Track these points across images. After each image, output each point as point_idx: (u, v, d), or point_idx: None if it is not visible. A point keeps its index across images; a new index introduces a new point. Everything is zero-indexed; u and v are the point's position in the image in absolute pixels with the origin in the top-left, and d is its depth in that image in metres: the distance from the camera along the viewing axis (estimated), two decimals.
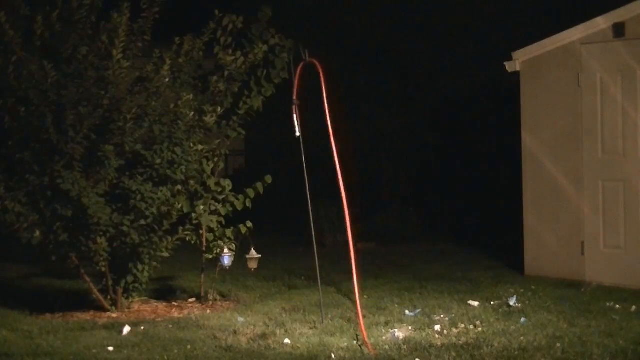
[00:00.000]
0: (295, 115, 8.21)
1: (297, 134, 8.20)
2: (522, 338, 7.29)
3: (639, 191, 9.48)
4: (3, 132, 8.55)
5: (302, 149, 8.26)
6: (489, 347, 7.02)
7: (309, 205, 8.32)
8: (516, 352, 6.87)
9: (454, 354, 6.86)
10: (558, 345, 7.05)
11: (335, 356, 7.01)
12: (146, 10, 8.81)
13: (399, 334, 7.49)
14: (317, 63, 7.99)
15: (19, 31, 8.38)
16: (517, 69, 10.33)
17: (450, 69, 15.02)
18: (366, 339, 7.30)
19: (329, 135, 7.88)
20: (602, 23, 9.68)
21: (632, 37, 9.47)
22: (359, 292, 7.73)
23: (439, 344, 7.21)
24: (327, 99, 7.94)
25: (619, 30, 9.55)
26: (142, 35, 8.85)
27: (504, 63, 10.41)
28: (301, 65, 8.20)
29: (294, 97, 8.25)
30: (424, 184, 15.68)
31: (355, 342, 7.35)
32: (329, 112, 7.95)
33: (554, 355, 6.79)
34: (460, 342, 7.22)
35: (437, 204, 14.86)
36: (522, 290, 9.31)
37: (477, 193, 14.50)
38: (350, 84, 15.12)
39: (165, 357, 7.07)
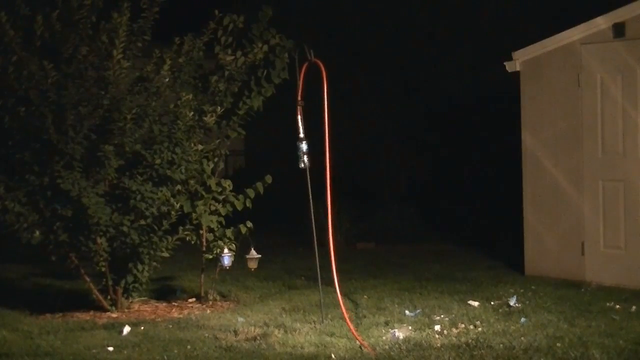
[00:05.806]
0: (299, 117, 8.17)
1: (301, 135, 8.15)
2: (522, 338, 7.28)
3: (639, 191, 9.48)
4: (3, 132, 8.55)
5: (306, 149, 8.23)
6: (489, 347, 7.01)
7: (311, 205, 8.30)
8: (516, 352, 6.87)
9: (454, 354, 6.86)
10: (558, 345, 7.05)
11: (335, 356, 7.01)
12: (146, 10, 8.81)
13: (399, 334, 7.48)
14: (321, 64, 7.97)
15: (19, 31, 8.38)
16: (517, 69, 10.33)
17: (450, 68, 15.02)
18: (362, 341, 7.29)
19: (324, 136, 7.88)
20: (602, 23, 9.67)
21: (632, 37, 9.47)
22: (342, 296, 7.84)
23: (439, 344, 7.21)
24: (327, 99, 7.93)
25: (619, 30, 9.55)
26: (142, 35, 8.84)
27: (504, 63, 10.40)
28: (305, 65, 8.17)
29: (299, 98, 8.21)
30: (424, 183, 15.67)
31: (355, 342, 7.35)
32: (330, 112, 7.94)
33: (554, 356, 6.78)
34: (460, 342, 7.21)
35: (438, 204, 14.85)
36: (522, 290, 9.31)
37: (477, 193, 14.49)
38: (351, 84, 15.12)
39: (165, 357, 7.07)
